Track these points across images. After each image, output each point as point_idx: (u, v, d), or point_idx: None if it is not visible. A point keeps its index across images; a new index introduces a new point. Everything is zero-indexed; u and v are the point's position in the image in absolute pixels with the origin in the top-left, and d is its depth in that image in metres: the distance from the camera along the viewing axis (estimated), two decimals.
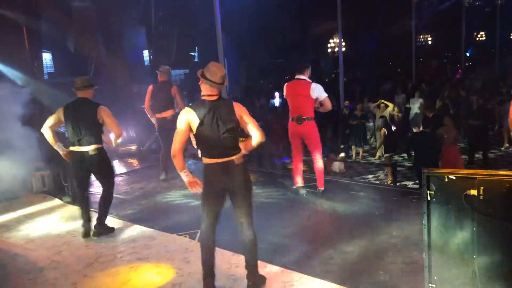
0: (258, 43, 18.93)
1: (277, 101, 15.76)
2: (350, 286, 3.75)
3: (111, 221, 5.78)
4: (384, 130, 9.79)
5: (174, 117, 7.02)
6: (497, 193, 2.85)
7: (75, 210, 6.17)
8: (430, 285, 3.14)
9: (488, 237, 2.90)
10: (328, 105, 6.02)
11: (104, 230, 5.31)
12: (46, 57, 13.34)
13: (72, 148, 5.10)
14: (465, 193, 2.94)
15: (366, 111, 12.08)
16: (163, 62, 11.73)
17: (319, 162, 6.11)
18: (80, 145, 5.04)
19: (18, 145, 6.75)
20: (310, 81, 5.93)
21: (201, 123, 3.52)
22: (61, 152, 5.19)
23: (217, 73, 3.56)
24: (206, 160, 3.64)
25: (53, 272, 4.44)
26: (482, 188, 2.88)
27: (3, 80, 8.14)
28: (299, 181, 6.33)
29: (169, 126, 6.94)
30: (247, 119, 3.67)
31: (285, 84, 6.20)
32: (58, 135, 5.82)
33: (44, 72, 11.70)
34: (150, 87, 7.36)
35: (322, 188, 6.19)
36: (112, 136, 5.33)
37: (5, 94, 6.99)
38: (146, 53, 17.08)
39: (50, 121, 5.09)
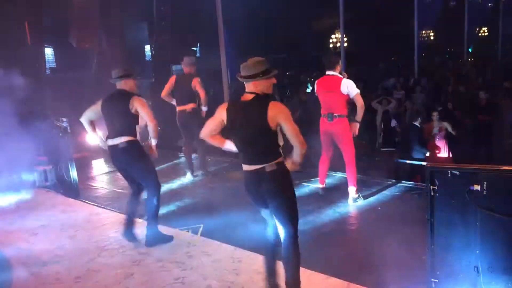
0: (260, 38, 18.91)
1: None
2: (352, 280, 3.76)
3: (113, 215, 5.81)
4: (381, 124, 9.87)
5: (195, 110, 6.94)
6: (500, 188, 2.85)
7: (77, 204, 6.20)
8: (432, 280, 3.15)
9: (491, 232, 2.91)
10: (360, 102, 5.58)
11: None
12: (48, 52, 13.31)
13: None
14: (468, 188, 2.94)
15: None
16: (165, 56, 11.74)
17: (349, 166, 5.76)
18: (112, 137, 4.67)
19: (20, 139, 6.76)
20: (341, 76, 5.67)
21: (229, 125, 3.26)
22: (100, 144, 4.93)
23: (245, 65, 3.24)
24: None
25: (56, 266, 4.46)
26: (485, 183, 2.88)
27: (5, 74, 8.13)
28: (320, 181, 6.11)
29: (188, 120, 6.89)
30: (284, 125, 3.15)
31: (316, 81, 5.94)
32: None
33: (46, 67, 11.69)
34: (173, 77, 7.14)
35: (356, 195, 5.81)
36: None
37: (8, 87, 6.99)
38: (147, 48, 17.07)
39: (89, 111, 4.79)
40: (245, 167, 3.28)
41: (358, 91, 5.60)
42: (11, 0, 7.99)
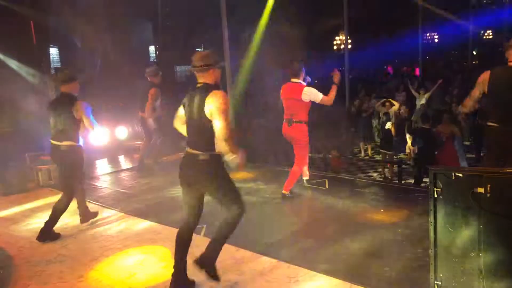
0: (264, 39, 18.92)
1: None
2: (355, 282, 3.75)
3: (117, 215, 5.84)
4: (389, 124, 9.81)
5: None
6: (504, 191, 2.84)
7: None
8: (435, 282, 3.14)
9: (495, 235, 2.90)
10: (328, 103, 5.85)
11: None
12: (53, 52, 13.37)
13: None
14: (472, 190, 2.93)
15: (372, 108, 12.08)
16: (169, 57, 11.78)
17: (295, 167, 6.02)
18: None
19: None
20: (304, 84, 5.86)
21: (184, 111, 3.60)
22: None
23: (194, 57, 3.49)
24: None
25: (59, 265, 4.48)
26: (489, 185, 2.87)
27: (12, 74, 8.20)
28: (306, 173, 6.41)
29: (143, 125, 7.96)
30: (215, 114, 3.34)
31: (282, 87, 6.12)
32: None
33: (51, 67, 11.73)
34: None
35: (286, 192, 6.06)
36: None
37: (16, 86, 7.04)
38: (152, 48, 17.10)
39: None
40: (187, 149, 3.59)
41: (321, 96, 5.77)
42: (17, 2, 8.03)
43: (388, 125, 9.35)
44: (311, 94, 5.75)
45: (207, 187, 3.61)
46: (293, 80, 5.94)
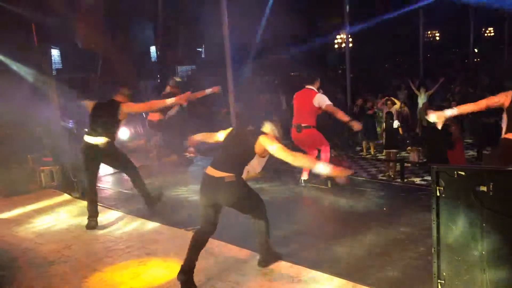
0: (264, 38, 18.91)
1: None
2: (358, 281, 3.75)
3: (120, 216, 5.85)
4: (383, 125, 9.80)
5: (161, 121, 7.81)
6: (506, 189, 2.84)
7: (84, 205, 6.21)
8: (439, 281, 3.14)
9: (498, 233, 2.90)
10: (332, 110, 6.17)
11: None
12: (54, 53, 13.40)
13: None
14: (474, 189, 2.93)
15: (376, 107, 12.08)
16: (170, 58, 11.79)
17: (322, 154, 6.33)
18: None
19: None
20: (317, 91, 6.25)
21: (224, 138, 4.08)
22: None
23: None
24: None
25: (63, 266, 4.49)
26: (491, 184, 2.87)
27: (14, 75, 8.22)
28: (305, 173, 6.57)
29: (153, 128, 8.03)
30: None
31: (295, 93, 6.53)
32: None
33: (53, 68, 11.77)
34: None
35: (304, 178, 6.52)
36: None
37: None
38: (153, 49, 17.11)
39: None
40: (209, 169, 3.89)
41: (329, 102, 6.12)
42: (18, 2, 8.05)
43: (396, 124, 9.36)
44: (321, 99, 6.13)
45: (230, 204, 3.87)
46: (308, 86, 6.33)
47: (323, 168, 3.65)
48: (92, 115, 5.43)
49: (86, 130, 5.46)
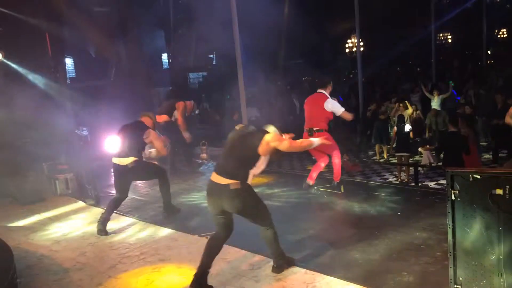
0: (275, 44, 18.97)
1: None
2: (374, 287, 3.72)
3: (134, 223, 5.88)
4: (395, 128, 9.74)
5: (168, 123, 7.92)
6: None
7: (98, 212, 6.27)
8: (455, 286, 3.11)
9: None
10: (348, 117, 6.36)
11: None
12: (68, 62, 13.59)
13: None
14: (490, 192, 2.90)
15: (388, 110, 12.03)
16: (181, 64, 11.88)
17: (334, 159, 6.37)
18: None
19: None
20: (328, 96, 6.29)
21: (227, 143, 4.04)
22: None
23: None
24: None
25: (78, 273, 4.53)
26: (508, 187, 2.84)
27: (29, 85, 8.35)
28: (312, 177, 6.45)
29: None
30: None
31: (307, 98, 6.58)
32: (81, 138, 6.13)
33: (67, 76, 11.93)
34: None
35: (337, 181, 6.47)
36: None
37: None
38: (165, 56, 17.24)
39: None
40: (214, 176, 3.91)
41: (343, 109, 6.26)
42: (32, 13, 8.19)
43: (408, 128, 9.31)
44: (334, 105, 6.20)
45: (236, 211, 3.86)
46: (319, 90, 6.36)
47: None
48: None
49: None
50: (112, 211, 5.65)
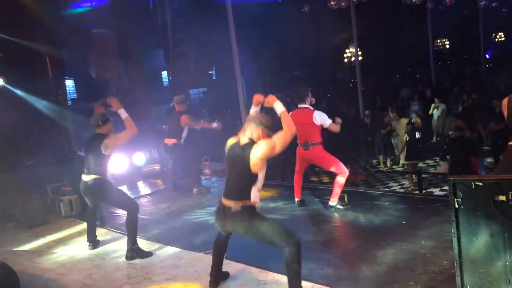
0: (274, 57, 19.08)
1: None
2: None
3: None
4: (406, 136, 9.71)
5: (176, 146, 7.73)
6: None
7: (103, 233, 6.27)
8: None
9: None
10: (335, 130, 6.14)
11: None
12: (69, 83, 13.68)
13: None
14: (493, 199, 2.89)
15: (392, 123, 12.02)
16: (182, 82, 11.94)
17: (339, 177, 6.08)
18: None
19: None
20: (312, 109, 6.12)
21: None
22: None
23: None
24: None
25: None
26: (510, 193, 2.84)
27: (31, 108, 8.41)
28: (296, 195, 6.53)
29: (168, 152, 7.94)
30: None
31: (290, 114, 6.16)
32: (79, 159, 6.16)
33: (68, 98, 12.00)
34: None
35: (333, 203, 6.16)
36: None
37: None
38: (164, 73, 17.34)
39: None
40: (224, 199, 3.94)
41: (330, 121, 6.05)
42: (32, 38, 8.28)
43: (418, 135, 9.42)
44: (322, 118, 6.03)
45: (241, 234, 3.83)
46: (300, 106, 6.19)
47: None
48: None
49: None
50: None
